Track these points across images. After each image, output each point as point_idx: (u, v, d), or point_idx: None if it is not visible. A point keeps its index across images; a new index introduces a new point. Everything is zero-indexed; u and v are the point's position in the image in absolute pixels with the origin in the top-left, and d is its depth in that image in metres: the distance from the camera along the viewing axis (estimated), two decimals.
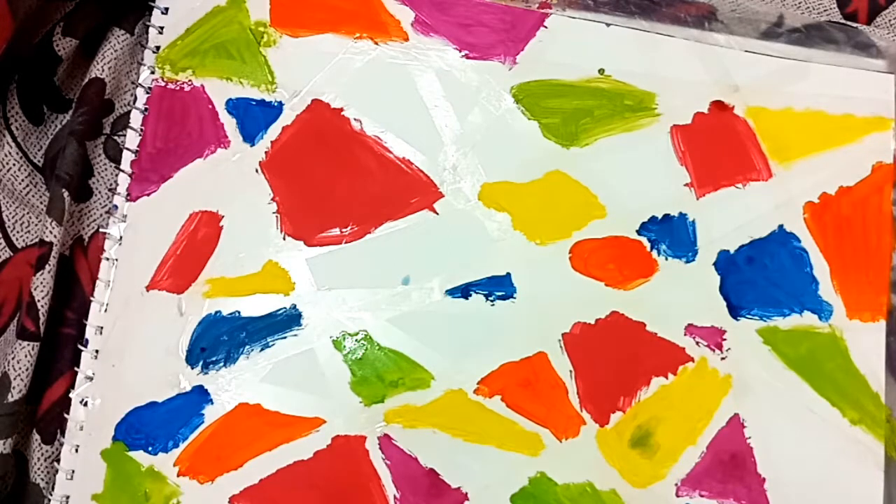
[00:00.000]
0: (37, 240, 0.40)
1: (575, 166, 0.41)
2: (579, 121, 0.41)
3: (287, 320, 0.39)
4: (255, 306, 0.39)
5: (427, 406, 0.38)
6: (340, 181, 0.40)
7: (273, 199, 0.40)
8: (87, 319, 0.39)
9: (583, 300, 0.39)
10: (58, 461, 0.38)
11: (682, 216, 0.40)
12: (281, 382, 0.38)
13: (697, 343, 0.39)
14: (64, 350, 0.39)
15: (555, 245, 0.40)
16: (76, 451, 0.38)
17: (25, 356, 0.37)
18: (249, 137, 0.41)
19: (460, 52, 0.42)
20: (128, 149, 0.40)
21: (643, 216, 0.40)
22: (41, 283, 0.38)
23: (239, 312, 0.39)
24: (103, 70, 0.41)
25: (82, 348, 0.38)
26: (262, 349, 0.39)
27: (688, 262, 0.40)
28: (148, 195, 0.40)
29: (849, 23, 0.43)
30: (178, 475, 0.38)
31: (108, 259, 0.39)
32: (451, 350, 0.39)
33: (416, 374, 0.39)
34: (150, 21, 0.42)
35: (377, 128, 0.41)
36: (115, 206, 0.40)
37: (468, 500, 0.38)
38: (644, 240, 0.40)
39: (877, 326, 0.39)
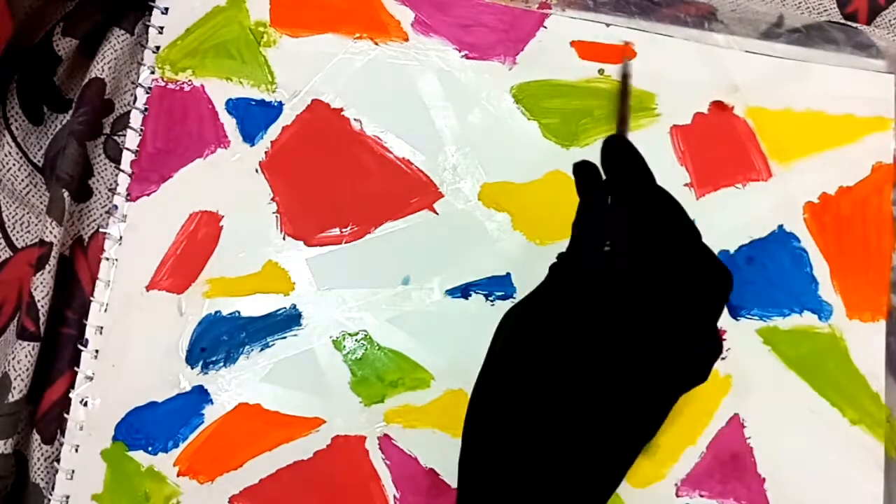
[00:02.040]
0: (37, 240, 0.40)
1: None
2: (579, 121, 0.41)
3: (287, 320, 0.39)
4: (255, 306, 0.39)
5: (427, 406, 0.38)
6: (340, 181, 0.40)
7: (273, 199, 0.40)
8: (87, 319, 0.39)
9: None
10: (58, 461, 0.38)
11: None
12: (281, 382, 0.38)
13: None
14: (64, 350, 0.39)
15: (555, 245, 0.40)
16: (76, 451, 0.38)
17: (25, 356, 0.37)
18: (249, 137, 0.41)
19: (460, 52, 0.42)
20: (128, 149, 0.40)
21: None
22: (41, 283, 0.38)
23: (239, 312, 0.39)
24: (103, 70, 0.41)
25: (82, 348, 0.38)
26: (262, 349, 0.39)
27: None
28: (148, 195, 0.40)
29: (849, 23, 0.43)
30: (178, 475, 0.38)
31: (108, 259, 0.39)
32: (452, 350, 0.39)
33: (416, 374, 0.39)
34: (150, 21, 0.42)
35: (377, 128, 0.41)
36: (115, 206, 0.40)
37: None
38: None
39: (877, 326, 0.39)
